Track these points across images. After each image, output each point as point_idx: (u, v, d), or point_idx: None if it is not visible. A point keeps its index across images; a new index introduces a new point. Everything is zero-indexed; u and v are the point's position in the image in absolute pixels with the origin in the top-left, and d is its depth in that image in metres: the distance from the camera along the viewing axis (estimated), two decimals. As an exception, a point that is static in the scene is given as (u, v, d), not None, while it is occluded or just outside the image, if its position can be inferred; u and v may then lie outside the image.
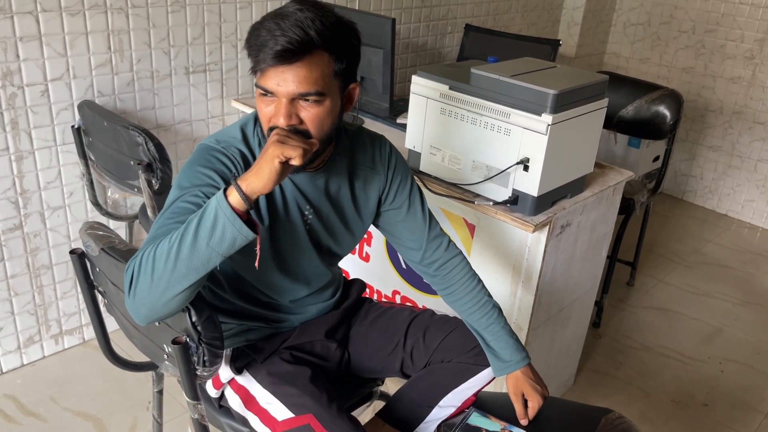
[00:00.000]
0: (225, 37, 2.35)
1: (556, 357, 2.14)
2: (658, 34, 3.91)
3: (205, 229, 1.00)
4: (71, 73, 2.02)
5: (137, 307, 1.06)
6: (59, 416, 2.04)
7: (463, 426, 1.37)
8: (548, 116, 1.61)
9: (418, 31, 3.05)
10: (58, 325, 2.29)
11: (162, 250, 1.02)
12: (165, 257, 1.02)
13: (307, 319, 1.41)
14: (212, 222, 1.00)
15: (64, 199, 2.15)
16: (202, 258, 1.01)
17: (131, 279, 1.05)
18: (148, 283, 1.03)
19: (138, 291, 1.04)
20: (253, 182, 1.02)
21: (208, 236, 1.00)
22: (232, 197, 1.01)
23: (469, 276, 1.42)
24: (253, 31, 1.09)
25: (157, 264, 1.02)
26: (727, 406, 2.32)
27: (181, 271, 1.01)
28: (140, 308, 1.06)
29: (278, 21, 1.06)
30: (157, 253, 1.02)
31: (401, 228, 1.41)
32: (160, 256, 1.02)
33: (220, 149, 1.18)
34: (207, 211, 1.01)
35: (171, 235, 1.03)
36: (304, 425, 1.21)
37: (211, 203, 1.01)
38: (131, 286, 1.05)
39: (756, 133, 3.64)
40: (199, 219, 1.01)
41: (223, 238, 1.00)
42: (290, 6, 1.09)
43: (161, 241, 1.03)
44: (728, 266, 3.28)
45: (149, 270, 1.02)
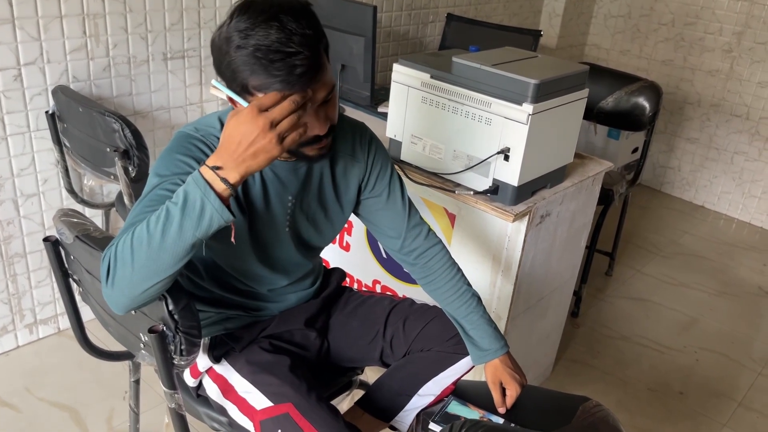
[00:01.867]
0: (204, 23, 2.31)
1: (534, 346, 2.15)
2: (638, 27, 3.93)
3: (192, 220, 0.98)
4: (45, 58, 1.98)
5: (116, 297, 1.04)
6: (34, 407, 2.01)
7: (442, 414, 1.37)
8: (529, 106, 1.60)
9: (400, 19, 3.03)
10: (33, 315, 2.25)
11: (141, 238, 1.00)
12: (147, 246, 0.99)
13: (287, 307, 1.40)
14: (199, 213, 0.98)
15: (38, 186, 2.11)
16: (186, 246, 1.00)
17: (108, 268, 1.03)
18: (129, 272, 1.01)
19: (117, 280, 1.02)
20: (247, 168, 0.98)
21: (195, 227, 0.98)
22: (218, 185, 0.98)
23: (448, 265, 1.42)
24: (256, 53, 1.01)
25: (138, 253, 1.00)
26: (702, 394, 2.36)
27: (166, 261, 1.00)
28: (119, 298, 1.04)
29: (287, 41, 1.02)
30: (135, 241, 1.00)
31: (381, 216, 1.40)
32: (139, 245, 1.00)
33: (199, 137, 1.17)
34: (190, 199, 0.98)
35: (148, 222, 1.00)
36: (283, 414, 1.20)
37: (195, 193, 0.98)
38: (109, 275, 1.03)
39: (733, 126, 3.68)
40: (182, 208, 0.98)
41: (210, 227, 0.99)
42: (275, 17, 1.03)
43: (138, 229, 1.01)
44: (704, 257, 3.33)
45: (128, 259, 1.00)
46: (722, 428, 2.20)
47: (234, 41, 1.03)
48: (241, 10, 1.04)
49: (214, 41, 1.08)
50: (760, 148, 3.61)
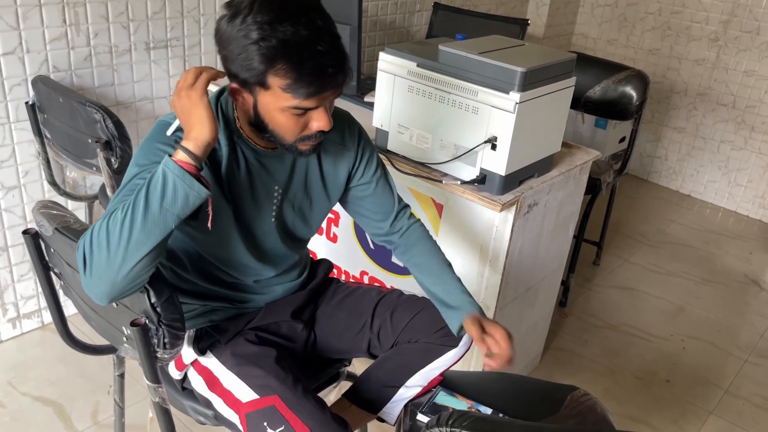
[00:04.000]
0: (187, 12, 2.28)
1: (523, 336, 2.15)
2: (625, 16, 3.93)
3: (156, 191, 0.99)
4: (24, 47, 1.94)
5: (96, 285, 1.02)
6: (18, 402, 1.98)
7: (430, 405, 1.36)
8: (516, 94, 1.59)
9: (387, 8, 3.00)
10: (16, 309, 2.22)
11: (115, 221, 1.00)
12: (120, 227, 0.99)
13: (273, 299, 1.39)
14: (162, 182, 0.99)
15: (19, 178, 2.07)
16: (157, 221, 1.00)
17: (84, 256, 1.01)
18: (105, 256, 0.99)
19: (94, 267, 1.00)
20: (196, 134, 1.03)
21: (160, 197, 0.99)
22: (178, 155, 1.01)
23: (427, 236, 1.46)
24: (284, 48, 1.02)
25: (112, 236, 0.99)
26: (688, 382, 2.37)
27: (139, 238, 0.99)
28: (99, 285, 1.02)
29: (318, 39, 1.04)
30: (110, 224, 1.00)
31: (370, 202, 1.41)
32: (113, 228, 0.99)
33: (179, 126, 1.14)
34: (155, 174, 1.01)
35: (123, 205, 1.01)
36: (269, 407, 1.19)
37: (159, 168, 1.01)
38: (86, 263, 1.01)
39: (719, 115, 3.70)
40: (148, 182, 1.00)
41: (175, 197, 0.99)
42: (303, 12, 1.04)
43: (113, 213, 1.01)
44: (691, 246, 3.34)
45: (104, 243, 0.99)
46: (709, 416, 2.22)
47: (253, 34, 1.02)
48: (262, 1, 1.03)
49: (224, 31, 1.06)
50: (746, 137, 3.63)
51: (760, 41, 3.45)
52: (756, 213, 3.70)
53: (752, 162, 3.64)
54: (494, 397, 1.39)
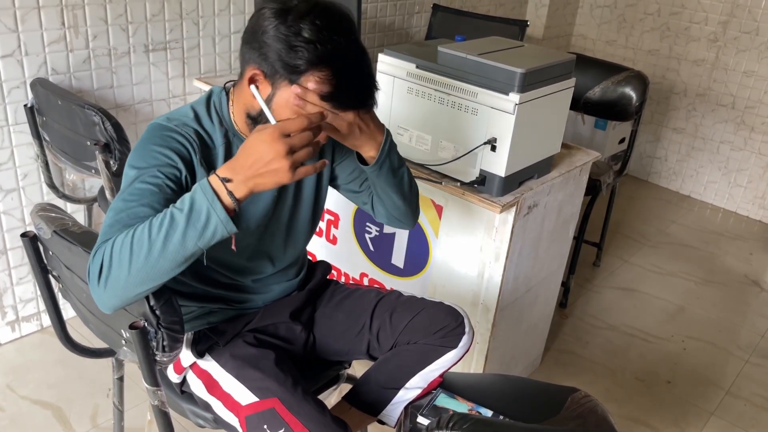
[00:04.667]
0: (186, 14, 2.28)
1: (523, 337, 2.15)
2: (624, 17, 3.93)
3: (196, 229, 0.97)
4: (23, 50, 1.94)
5: (107, 298, 1.01)
6: (17, 405, 1.98)
7: (430, 407, 1.36)
8: (515, 95, 1.59)
9: (386, 10, 3.00)
10: (15, 312, 2.21)
11: (142, 242, 0.97)
12: (147, 251, 0.97)
13: (271, 299, 1.38)
14: (204, 224, 0.97)
15: (18, 181, 2.07)
16: (187, 254, 0.99)
17: (101, 268, 0.99)
18: (124, 274, 0.98)
19: (110, 281, 0.99)
20: (257, 184, 0.98)
21: (198, 237, 0.98)
22: (224, 196, 0.98)
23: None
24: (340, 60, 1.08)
25: (137, 257, 0.97)
26: (689, 383, 2.37)
27: (164, 267, 0.98)
28: (110, 299, 1.01)
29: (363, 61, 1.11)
30: (135, 245, 0.97)
31: (355, 169, 1.38)
32: (139, 249, 0.97)
33: (173, 128, 1.15)
34: (196, 209, 0.97)
35: (150, 227, 0.98)
36: (269, 409, 1.19)
37: (201, 202, 0.97)
38: (101, 275, 0.99)
39: (718, 116, 3.69)
40: (188, 217, 0.97)
41: (212, 238, 0.99)
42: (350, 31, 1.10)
43: (138, 232, 0.98)
44: (691, 246, 3.34)
45: (126, 262, 0.97)
46: (710, 416, 2.21)
47: (307, 34, 1.05)
48: (321, 9, 1.07)
49: (267, 24, 1.07)
50: (745, 137, 3.62)
51: (759, 41, 3.45)
52: (756, 213, 3.70)
53: (752, 162, 3.64)
54: (495, 399, 1.38)
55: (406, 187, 1.34)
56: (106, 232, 1.03)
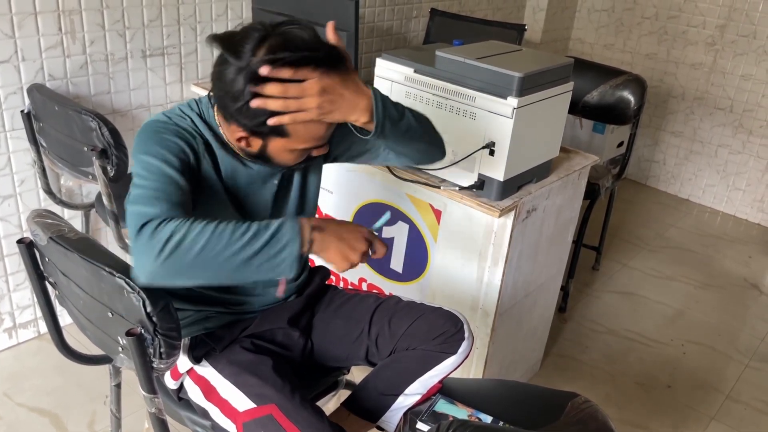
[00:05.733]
0: (183, 20, 2.27)
1: (522, 342, 2.14)
2: (621, 20, 3.93)
3: (268, 255, 1.01)
4: (20, 56, 1.93)
5: (156, 269, 0.98)
6: (14, 412, 1.97)
7: (430, 413, 1.35)
8: (514, 99, 1.59)
9: (383, 15, 3.00)
10: (12, 319, 2.20)
11: (221, 238, 0.99)
12: (221, 248, 0.99)
13: (268, 302, 1.38)
14: (276, 252, 1.01)
15: (15, 187, 2.06)
16: (244, 273, 1.01)
17: (167, 241, 0.98)
18: (190, 259, 0.98)
19: (169, 260, 0.98)
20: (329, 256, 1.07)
21: (265, 261, 1.01)
22: (304, 237, 1.03)
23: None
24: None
25: (209, 249, 0.99)
26: (689, 387, 2.36)
27: (223, 271, 1.00)
28: (159, 272, 0.99)
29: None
30: (214, 238, 0.99)
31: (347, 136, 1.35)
32: (216, 244, 0.99)
33: (174, 122, 1.18)
34: (276, 238, 1.02)
35: (235, 229, 1.01)
36: (266, 416, 1.18)
37: (284, 235, 1.02)
38: (165, 247, 0.97)
39: (716, 119, 3.69)
40: (267, 241, 1.01)
41: (274, 270, 1.02)
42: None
43: (222, 227, 1.00)
44: (690, 250, 3.34)
45: (197, 249, 0.98)
46: (710, 421, 2.20)
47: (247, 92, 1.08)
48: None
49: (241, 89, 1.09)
50: (743, 141, 3.63)
51: (756, 45, 3.46)
52: (755, 217, 3.70)
53: (750, 166, 3.64)
54: (494, 405, 1.38)
55: (418, 130, 1.29)
56: (152, 203, 1.03)
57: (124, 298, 1.06)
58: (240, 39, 1.07)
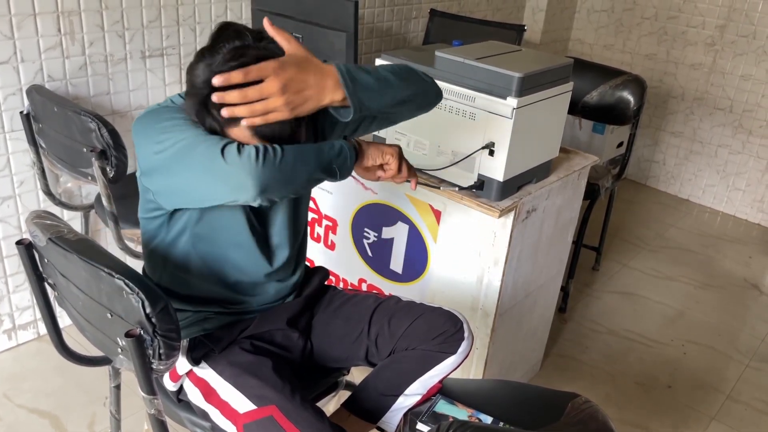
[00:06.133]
0: (183, 20, 2.27)
1: (522, 342, 2.14)
2: (621, 21, 3.93)
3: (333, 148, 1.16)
4: (19, 57, 1.93)
5: (265, 173, 1.03)
6: (14, 414, 1.96)
7: (430, 414, 1.35)
8: (513, 100, 1.58)
9: (383, 15, 3.00)
10: (11, 320, 2.20)
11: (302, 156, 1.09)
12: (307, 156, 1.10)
13: (266, 301, 1.37)
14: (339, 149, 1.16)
15: (14, 188, 2.06)
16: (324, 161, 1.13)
17: (266, 153, 1.04)
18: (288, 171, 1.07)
19: (274, 167, 1.04)
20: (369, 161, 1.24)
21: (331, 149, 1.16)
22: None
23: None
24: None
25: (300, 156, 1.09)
26: (690, 387, 2.36)
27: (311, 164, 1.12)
28: (266, 174, 1.04)
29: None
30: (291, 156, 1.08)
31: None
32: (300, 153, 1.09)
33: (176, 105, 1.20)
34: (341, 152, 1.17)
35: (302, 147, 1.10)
36: (267, 417, 1.18)
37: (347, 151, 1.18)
38: (267, 156, 1.03)
39: (716, 119, 3.69)
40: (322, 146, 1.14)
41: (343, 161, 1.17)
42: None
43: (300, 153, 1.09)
44: (690, 250, 3.34)
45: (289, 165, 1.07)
46: (711, 421, 2.20)
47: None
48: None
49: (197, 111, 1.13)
50: (743, 141, 3.62)
51: (756, 45, 3.46)
52: (755, 217, 3.70)
53: (750, 166, 3.64)
54: (495, 405, 1.37)
55: (400, 85, 1.23)
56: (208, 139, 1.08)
57: (123, 299, 1.06)
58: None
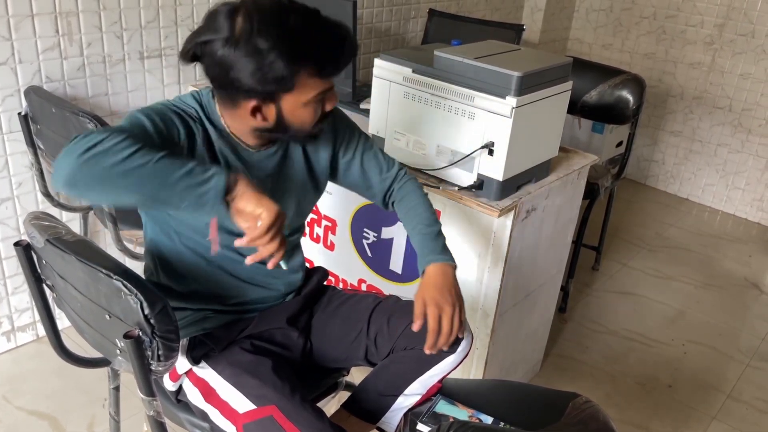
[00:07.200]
0: (181, 21, 2.27)
1: (522, 342, 2.13)
2: (620, 20, 3.93)
3: (194, 180, 1.01)
4: (17, 58, 1.93)
5: (74, 171, 0.97)
6: (13, 416, 1.96)
7: (430, 414, 1.34)
8: (512, 99, 1.58)
9: (381, 15, 3.00)
10: (10, 322, 2.19)
11: (150, 155, 0.99)
12: (139, 160, 0.98)
13: (264, 296, 1.37)
14: (203, 180, 1.01)
15: (13, 190, 2.05)
16: (165, 195, 1.00)
17: (96, 144, 0.98)
18: (111, 162, 0.97)
19: (93, 160, 0.97)
20: (242, 202, 1.04)
21: (188, 187, 1.01)
22: (231, 181, 1.03)
23: (417, 188, 1.46)
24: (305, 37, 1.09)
25: (132, 159, 0.98)
26: (690, 387, 2.35)
27: (143, 187, 1.00)
28: (74, 173, 0.98)
29: (322, 18, 1.12)
30: (137, 156, 0.98)
31: (360, 173, 1.42)
32: (143, 157, 0.99)
33: (183, 108, 1.20)
34: (205, 169, 1.03)
35: (164, 155, 1.00)
36: (267, 417, 1.17)
37: (218, 182, 1.02)
38: (91, 149, 0.97)
39: (715, 118, 3.69)
40: (192, 168, 1.01)
41: (192, 192, 1.01)
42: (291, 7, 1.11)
43: (143, 147, 1.00)
44: (690, 250, 3.33)
45: (123, 155, 0.98)
46: (712, 421, 2.20)
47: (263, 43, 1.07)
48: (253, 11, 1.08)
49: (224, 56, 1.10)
50: (742, 140, 3.62)
51: (755, 44, 3.46)
52: (754, 216, 3.70)
53: (750, 165, 3.64)
54: (495, 405, 1.37)
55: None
56: (118, 128, 1.05)
57: (122, 301, 1.05)
58: (209, 21, 1.11)
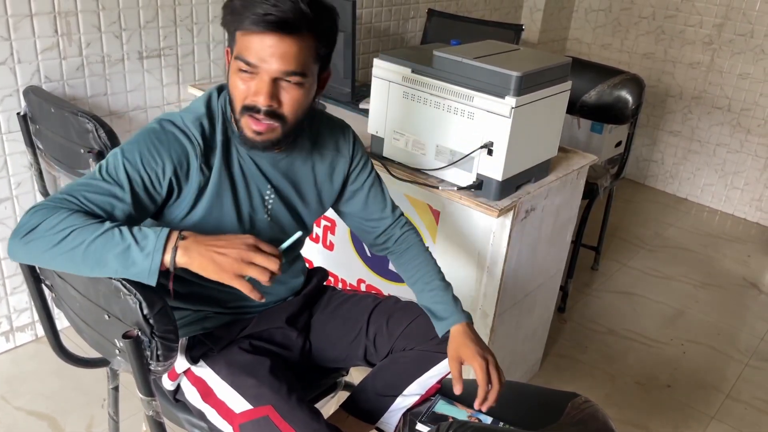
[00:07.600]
0: (180, 21, 2.27)
1: (522, 342, 2.13)
2: (619, 20, 3.93)
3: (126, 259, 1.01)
4: (15, 58, 1.93)
5: (20, 251, 1.04)
6: (12, 416, 1.96)
7: (429, 414, 1.34)
8: (512, 99, 1.58)
9: (381, 15, 3.00)
10: (9, 322, 2.19)
11: (79, 236, 1.01)
12: (75, 245, 1.01)
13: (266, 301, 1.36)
14: (132, 261, 1.01)
15: (12, 190, 2.05)
16: (102, 272, 1.03)
17: (33, 229, 1.02)
18: (44, 248, 1.02)
19: (32, 245, 1.02)
20: (196, 263, 1.02)
21: (121, 265, 1.01)
22: (168, 250, 1.01)
23: (420, 242, 1.46)
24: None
25: (66, 244, 1.01)
26: (689, 386, 2.35)
27: (80, 267, 1.02)
28: (20, 254, 1.05)
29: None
30: (74, 235, 1.01)
31: (362, 208, 1.43)
32: (72, 240, 1.01)
33: (181, 128, 1.17)
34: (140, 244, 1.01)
35: (96, 228, 1.01)
36: (263, 417, 1.17)
37: (147, 243, 1.01)
38: (29, 234, 1.02)
39: (714, 118, 3.69)
40: (127, 246, 1.01)
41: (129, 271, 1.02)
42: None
43: (85, 226, 1.01)
44: (689, 249, 3.33)
45: (53, 242, 1.01)
46: (711, 420, 2.20)
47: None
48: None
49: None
50: (741, 140, 3.62)
51: (754, 44, 3.46)
52: (753, 216, 3.70)
53: (749, 165, 3.64)
54: (494, 405, 1.37)
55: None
56: (63, 198, 1.06)
57: (121, 301, 1.05)
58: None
